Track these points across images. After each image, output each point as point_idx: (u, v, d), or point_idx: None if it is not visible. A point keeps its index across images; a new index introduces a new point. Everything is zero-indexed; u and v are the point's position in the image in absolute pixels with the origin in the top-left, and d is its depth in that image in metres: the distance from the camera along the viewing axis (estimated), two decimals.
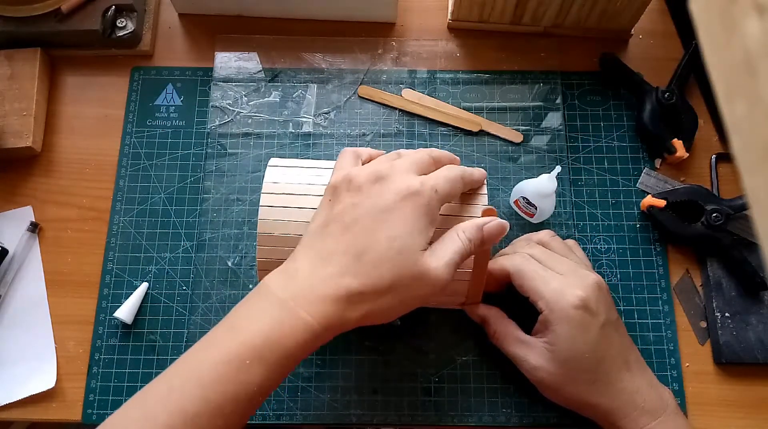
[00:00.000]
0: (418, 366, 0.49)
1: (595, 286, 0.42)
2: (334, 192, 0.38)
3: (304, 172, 0.44)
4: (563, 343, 0.41)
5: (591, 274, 0.44)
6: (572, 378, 0.42)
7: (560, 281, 0.42)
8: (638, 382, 0.43)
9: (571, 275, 0.43)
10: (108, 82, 0.57)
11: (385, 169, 0.38)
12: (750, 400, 0.48)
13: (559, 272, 0.43)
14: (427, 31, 0.59)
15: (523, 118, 0.55)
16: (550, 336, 0.42)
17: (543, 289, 0.42)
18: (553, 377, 0.42)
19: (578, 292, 0.42)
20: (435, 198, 0.37)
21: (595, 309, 0.42)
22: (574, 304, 0.41)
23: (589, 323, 0.41)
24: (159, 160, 0.54)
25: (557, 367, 0.42)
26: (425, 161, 0.40)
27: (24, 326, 0.50)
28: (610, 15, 0.55)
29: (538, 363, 0.43)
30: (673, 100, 0.53)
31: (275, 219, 0.42)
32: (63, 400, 0.48)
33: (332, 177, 0.39)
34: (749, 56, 0.15)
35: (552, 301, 0.42)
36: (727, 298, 0.50)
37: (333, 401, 0.48)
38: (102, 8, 0.55)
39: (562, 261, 0.45)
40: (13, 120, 0.53)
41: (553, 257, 0.45)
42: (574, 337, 0.41)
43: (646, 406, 0.42)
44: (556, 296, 0.42)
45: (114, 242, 0.52)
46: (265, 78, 0.57)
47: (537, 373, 0.43)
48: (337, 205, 0.38)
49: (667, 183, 0.53)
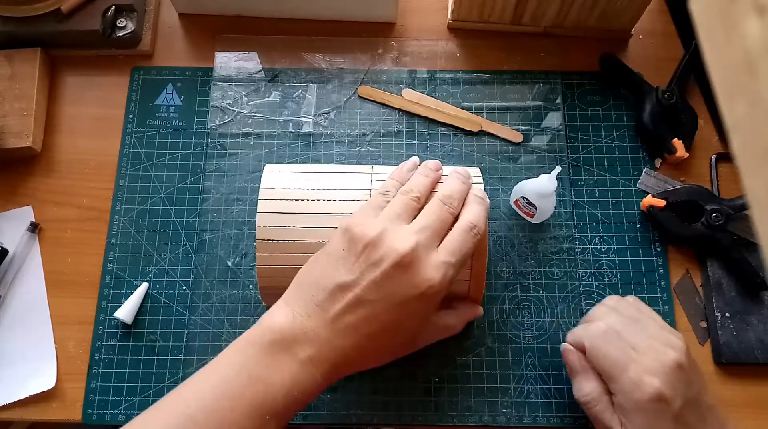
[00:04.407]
0: (418, 366, 0.49)
1: (675, 368, 0.40)
2: (352, 242, 0.38)
3: (300, 177, 0.44)
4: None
5: (671, 351, 0.41)
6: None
7: (636, 368, 0.40)
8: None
9: (650, 354, 0.40)
10: (108, 82, 0.57)
11: (410, 249, 0.37)
12: (750, 400, 0.48)
13: (637, 349, 0.41)
14: (427, 31, 0.59)
15: (523, 118, 0.55)
16: (625, 420, 0.40)
17: (618, 376, 0.41)
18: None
19: (655, 382, 0.39)
20: (445, 289, 0.38)
21: (671, 397, 0.39)
22: (649, 397, 0.39)
23: (664, 412, 0.39)
24: (159, 160, 0.54)
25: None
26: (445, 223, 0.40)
27: (24, 326, 0.50)
28: (610, 15, 0.55)
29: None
30: (673, 100, 0.53)
31: (274, 225, 0.42)
32: (63, 400, 0.48)
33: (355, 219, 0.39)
34: (749, 56, 0.15)
35: (627, 391, 0.40)
36: (727, 298, 0.50)
37: (333, 401, 0.48)
38: (102, 8, 0.55)
39: (641, 334, 0.42)
40: (13, 120, 0.53)
41: (630, 327, 0.42)
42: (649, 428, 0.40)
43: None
44: (630, 387, 0.40)
45: (114, 242, 0.52)
46: (265, 78, 0.57)
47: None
48: (356, 269, 0.37)
49: (667, 183, 0.53)
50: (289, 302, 0.38)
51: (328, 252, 0.39)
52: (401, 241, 0.37)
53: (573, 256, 0.51)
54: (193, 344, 0.49)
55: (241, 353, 0.37)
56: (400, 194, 0.41)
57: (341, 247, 0.38)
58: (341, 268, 0.38)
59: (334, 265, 0.38)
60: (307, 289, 0.38)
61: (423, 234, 0.38)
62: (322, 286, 0.38)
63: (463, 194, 0.41)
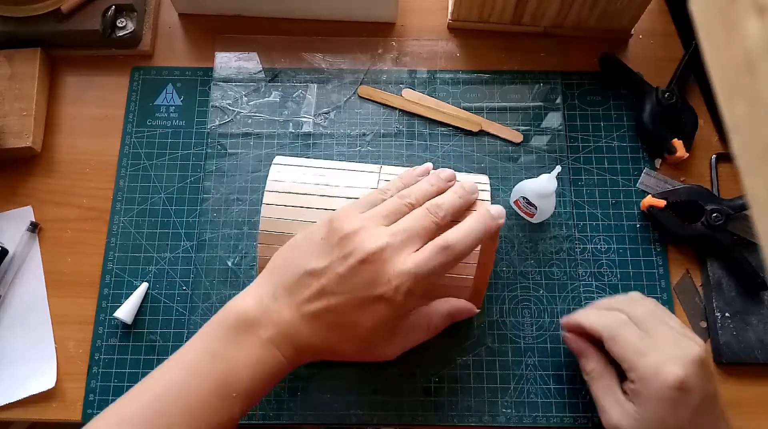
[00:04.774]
0: (418, 366, 0.49)
1: (698, 362, 0.39)
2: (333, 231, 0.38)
3: (308, 172, 0.44)
4: (650, 421, 0.39)
5: (695, 345, 0.40)
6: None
7: (657, 355, 0.39)
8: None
9: (672, 346, 0.40)
10: (108, 82, 0.57)
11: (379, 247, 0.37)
12: (750, 400, 0.48)
13: (658, 340, 0.40)
14: (427, 31, 0.59)
15: (523, 118, 0.55)
16: (639, 408, 0.39)
17: (637, 361, 0.40)
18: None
19: (677, 370, 0.38)
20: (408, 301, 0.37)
21: (692, 387, 0.38)
22: (670, 384, 0.38)
23: (684, 403, 0.38)
24: (159, 160, 0.54)
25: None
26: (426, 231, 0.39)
27: (24, 326, 0.50)
28: (610, 15, 0.55)
29: (620, 423, 0.40)
30: (673, 100, 0.53)
31: (278, 217, 0.42)
32: (63, 400, 0.48)
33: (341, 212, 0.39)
34: (749, 56, 0.15)
35: (646, 377, 0.39)
36: (727, 298, 0.50)
37: (333, 401, 0.48)
38: (102, 8, 0.55)
39: (662, 327, 0.41)
40: (13, 120, 0.53)
41: (653, 321, 0.41)
42: (663, 418, 0.38)
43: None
44: (650, 372, 0.39)
45: (114, 242, 0.52)
46: (265, 78, 0.57)
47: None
48: (326, 260, 0.37)
49: (667, 183, 0.53)
50: (258, 285, 0.39)
51: (307, 238, 0.39)
52: (372, 240, 0.37)
53: (573, 256, 0.51)
54: None
55: (206, 336, 0.38)
56: (396, 197, 0.41)
57: (320, 235, 0.39)
58: (314, 255, 0.38)
59: (309, 251, 0.39)
60: (278, 272, 0.39)
61: (396, 237, 0.38)
62: (292, 269, 0.38)
63: (454, 206, 0.40)
